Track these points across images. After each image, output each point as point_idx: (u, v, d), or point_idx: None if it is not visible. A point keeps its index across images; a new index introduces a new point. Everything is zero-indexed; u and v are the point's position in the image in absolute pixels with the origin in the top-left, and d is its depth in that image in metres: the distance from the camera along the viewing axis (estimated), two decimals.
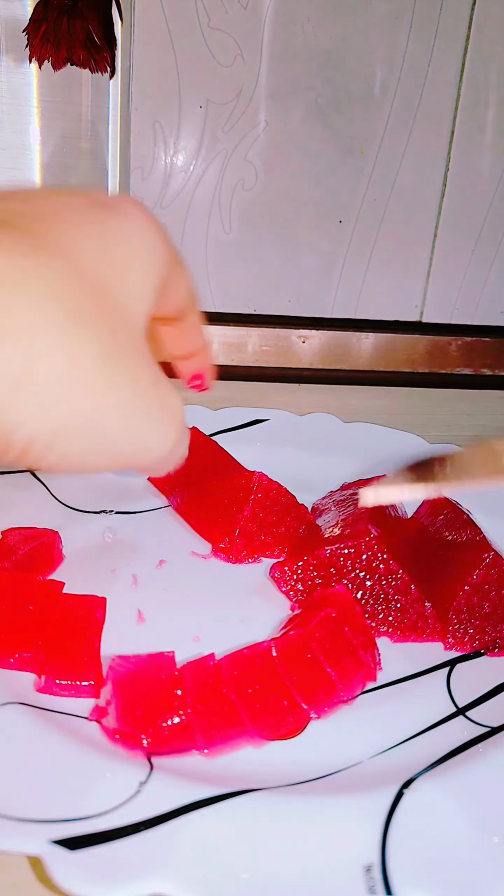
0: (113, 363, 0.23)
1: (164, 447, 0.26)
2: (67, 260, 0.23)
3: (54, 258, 0.23)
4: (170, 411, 0.26)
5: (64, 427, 0.23)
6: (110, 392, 0.23)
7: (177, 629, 0.34)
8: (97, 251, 0.24)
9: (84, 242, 0.24)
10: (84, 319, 0.23)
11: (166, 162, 0.65)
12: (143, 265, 0.26)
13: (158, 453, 0.26)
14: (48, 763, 0.26)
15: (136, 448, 0.25)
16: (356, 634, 0.31)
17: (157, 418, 0.25)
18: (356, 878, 0.22)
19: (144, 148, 0.65)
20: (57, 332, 0.22)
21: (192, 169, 0.66)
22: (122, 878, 0.21)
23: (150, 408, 0.25)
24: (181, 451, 0.27)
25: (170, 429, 0.26)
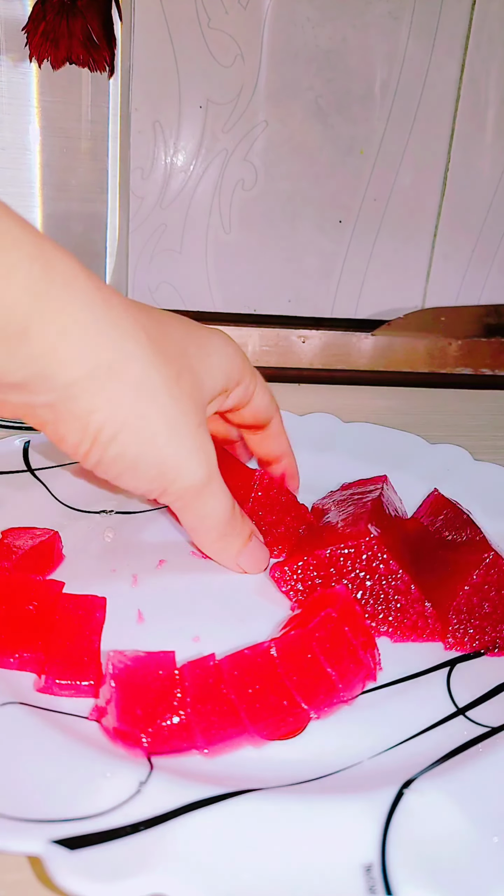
0: (174, 393, 0.31)
1: (195, 477, 0.33)
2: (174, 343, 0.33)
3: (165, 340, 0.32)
4: (205, 452, 0.33)
5: (128, 423, 0.30)
6: (166, 411, 0.31)
7: (177, 629, 0.34)
8: (192, 346, 0.34)
9: (184, 339, 0.34)
10: (166, 357, 0.31)
11: (166, 162, 0.65)
12: (219, 363, 0.36)
13: (189, 481, 0.33)
14: (48, 763, 0.26)
15: (174, 468, 0.32)
16: (356, 634, 0.31)
17: (194, 451, 0.32)
18: (356, 878, 0.22)
19: (144, 148, 0.65)
20: (143, 350, 0.30)
21: (192, 169, 0.66)
22: (122, 878, 0.21)
23: (191, 440, 0.32)
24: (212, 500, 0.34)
25: (202, 465, 0.33)
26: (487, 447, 0.55)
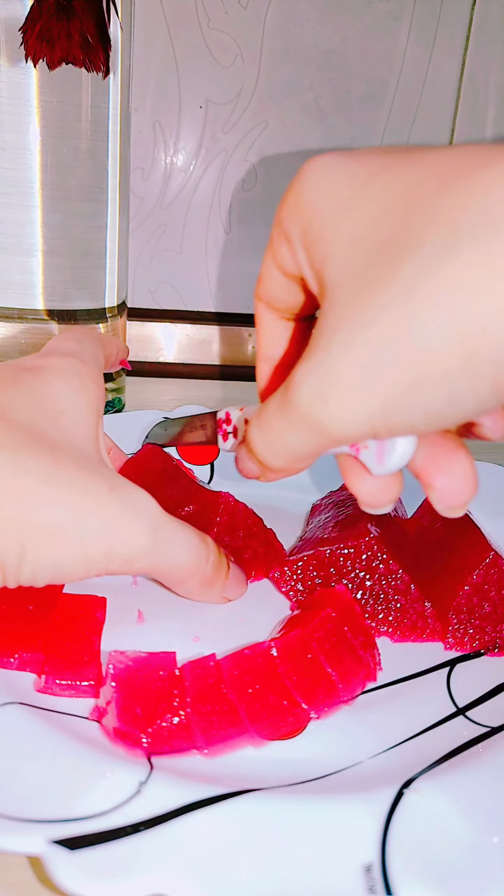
0: (58, 481, 0.27)
1: (134, 545, 0.29)
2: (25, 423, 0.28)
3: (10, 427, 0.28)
4: (134, 511, 0.29)
5: (27, 538, 0.26)
6: (61, 504, 0.27)
7: (177, 629, 0.34)
8: (28, 408, 0.29)
9: (14, 404, 0.29)
10: (24, 453, 0.27)
11: (166, 162, 0.65)
12: (73, 407, 0.31)
13: (130, 551, 0.29)
14: (48, 763, 0.26)
15: (105, 548, 0.28)
16: (356, 634, 0.31)
17: (120, 519, 0.28)
18: (356, 878, 0.22)
19: (144, 148, 0.65)
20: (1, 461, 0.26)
21: (192, 169, 0.66)
22: (122, 878, 0.21)
23: (111, 511, 0.28)
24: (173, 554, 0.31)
25: (136, 526, 0.29)
26: (487, 447, 0.55)
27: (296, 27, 0.62)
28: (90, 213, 0.49)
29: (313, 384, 0.23)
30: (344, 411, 0.22)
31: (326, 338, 0.22)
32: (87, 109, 0.46)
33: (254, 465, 0.27)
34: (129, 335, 0.63)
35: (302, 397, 0.23)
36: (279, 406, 0.24)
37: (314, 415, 0.23)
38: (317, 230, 0.23)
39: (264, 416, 0.26)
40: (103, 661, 0.30)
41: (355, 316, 0.21)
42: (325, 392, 0.22)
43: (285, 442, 0.25)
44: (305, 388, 0.23)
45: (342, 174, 0.23)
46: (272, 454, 0.26)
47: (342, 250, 0.22)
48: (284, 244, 0.25)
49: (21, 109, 0.45)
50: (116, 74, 0.47)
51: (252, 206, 0.68)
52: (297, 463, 0.26)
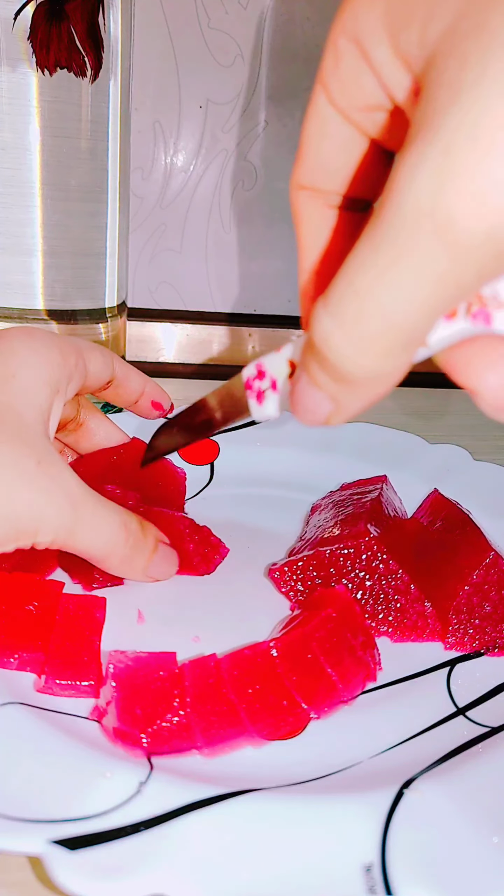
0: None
1: (58, 520, 0.29)
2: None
3: None
4: (59, 487, 0.29)
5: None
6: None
7: (177, 629, 0.34)
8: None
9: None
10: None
11: (166, 162, 0.65)
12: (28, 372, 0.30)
13: (54, 525, 0.29)
14: (48, 763, 0.26)
15: (29, 524, 0.28)
16: (356, 634, 0.31)
17: (46, 491, 0.29)
18: (356, 878, 0.22)
19: (144, 148, 0.65)
20: None
21: (192, 169, 0.66)
22: (122, 878, 0.21)
23: (36, 483, 0.28)
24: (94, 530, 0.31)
25: (60, 502, 0.29)
26: (487, 447, 0.55)
27: (296, 27, 0.62)
28: (90, 213, 0.49)
29: (437, 159, 0.15)
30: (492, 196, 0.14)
31: (450, 89, 0.15)
32: (87, 109, 0.46)
33: (324, 396, 0.20)
34: (129, 335, 0.63)
35: (418, 194, 0.15)
36: (371, 245, 0.17)
37: (445, 211, 0.15)
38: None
39: (343, 283, 0.17)
40: (103, 661, 0.30)
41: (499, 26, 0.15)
42: (459, 163, 0.15)
43: (389, 305, 0.17)
44: (423, 177, 0.15)
45: None
46: (364, 343, 0.18)
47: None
48: (350, 56, 0.19)
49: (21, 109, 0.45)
50: (116, 75, 0.47)
51: (252, 206, 0.68)
52: (399, 352, 0.18)
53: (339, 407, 0.20)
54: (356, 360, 0.18)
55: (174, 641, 0.32)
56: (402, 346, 0.18)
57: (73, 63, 0.43)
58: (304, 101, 0.64)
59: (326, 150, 0.21)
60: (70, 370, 0.33)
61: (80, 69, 0.44)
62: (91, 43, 0.44)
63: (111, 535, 0.32)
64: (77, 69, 0.44)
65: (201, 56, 0.62)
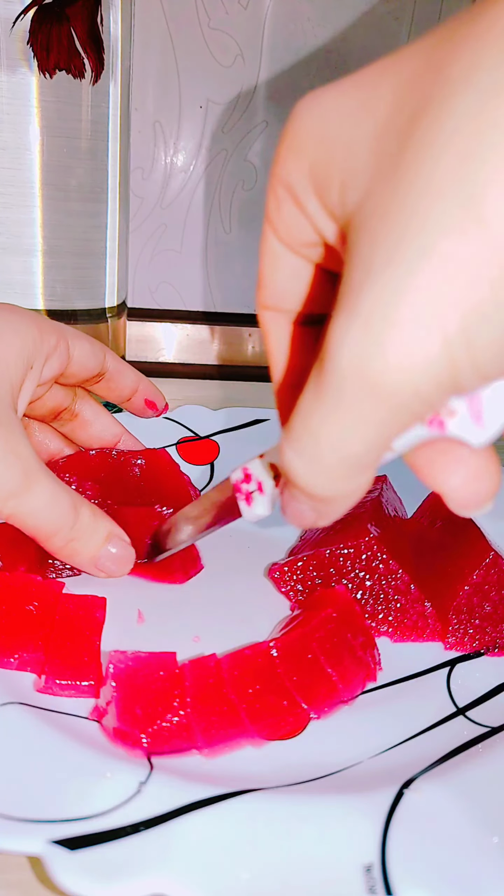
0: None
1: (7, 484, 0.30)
2: None
3: None
4: (13, 454, 0.30)
5: None
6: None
7: (177, 629, 0.34)
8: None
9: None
10: None
11: (166, 162, 0.65)
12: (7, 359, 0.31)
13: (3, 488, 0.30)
14: (48, 763, 0.26)
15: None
16: (356, 634, 0.31)
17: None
18: (356, 878, 0.22)
19: (144, 148, 0.65)
20: None
21: (192, 169, 0.66)
22: (122, 878, 0.21)
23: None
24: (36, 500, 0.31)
25: (12, 468, 0.30)
26: None
27: (296, 27, 0.62)
28: (90, 213, 0.49)
29: (358, 331, 0.17)
30: (411, 349, 0.16)
31: (364, 262, 0.17)
32: (87, 109, 0.46)
33: (305, 506, 0.22)
34: (129, 335, 0.63)
35: (347, 356, 0.17)
36: (315, 393, 0.19)
37: (370, 374, 0.17)
38: (325, 157, 0.19)
39: (299, 420, 0.20)
40: (103, 661, 0.30)
41: (399, 206, 0.16)
42: (376, 332, 0.17)
43: (336, 442, 0.19)
44: (349, 340, 0.17)
45: (341, 93, 0.19)
46: (322, 472, 0.20)
47: (364, 156, 0.18)
48: (287, 204, 0.21)
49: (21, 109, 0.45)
50: (116, 75, 0.47)
51: (252, 206, 0.68)
52: (355, 474, 0.20)
53: (321, 515, 0.22)
54: (320, 485, 0.20)
55: (174, 641, 0.32)
56: (359, 471, 0.20)
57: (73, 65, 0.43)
58: None
59: (280, 278, 0.23)
60: (47, 349, 0.33)
61: (79, 72, 0.44)
62: (92, 45, 0.44)
63: (59, 514, 0.32)
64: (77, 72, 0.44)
65: (201, 56, 0.62)
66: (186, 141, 0.65)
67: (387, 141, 0.17)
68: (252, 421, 0.52)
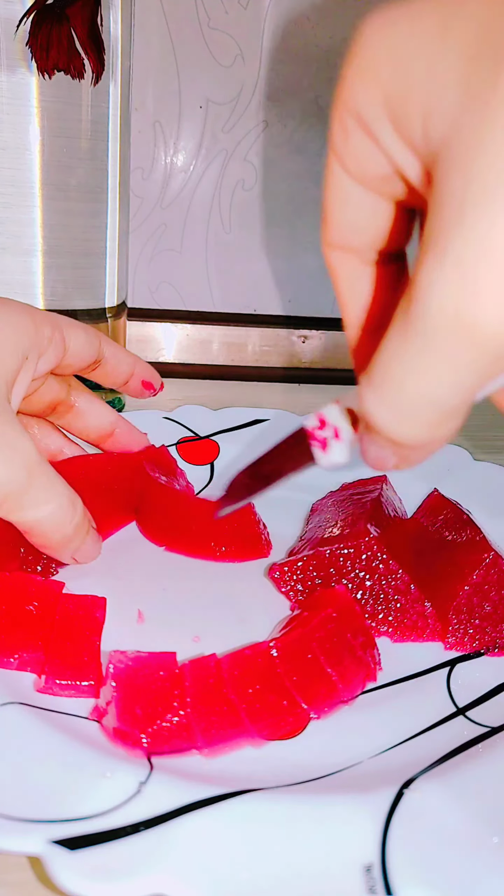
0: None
1: (9, 481, 0.29)
2: None
3: None
4: (13, 450, 0.29)
5: None
6: None
7: (177, 629, 0.34)
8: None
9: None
10: None
11: (166, 162, 0.65)
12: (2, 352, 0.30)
13: (5, 487, 0.29)
14: (48, 763, 0.26)
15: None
16: (356, 634, 0.31)
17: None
18: (356, 878, 0.22)
19: (144, 148, 0.65)
20: None
21: (192, 169, 0.66)
22: (122, 878, 0.21)
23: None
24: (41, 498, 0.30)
25: (11, 464, 0.29)
26: (487, 447, 0.55)
27: (296, 27, 0.62)
28: (90, 213, 0.49)
29: (452, 274, 0.16)
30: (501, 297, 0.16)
31: (455, 207, 0.16)
32: (87, 109, 0.46)
33: (386, 450, 0.21)
34: (129, 335, 0.63)
35: (439, 301, 0.16)
36: (403, 338, 0.18)
37: (464, 319, 0.16)
38: (404, 87, 0.18)
39: (383, 367, 0.19)
40: (103, 661, 0.30)
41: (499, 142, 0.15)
42: (473, 278, 0.16)
43: (425, 390, 0.18)
44: (442, 284, 0.16)
45: (417, 11, 0.18)
46: (409, 419, 0.19)
47: (450, 86, 0.16)
48: (358, 135, 0.19)
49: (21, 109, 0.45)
50: (116, 75, 0.47)
51: (252, 206, 0.68)
52: (444, 423, 0.19)
53: (405, 460, 0.22)
54: (406, 432, 0.19)
55: (174, 641, 0.32)
56: (449, 416, 0.19)
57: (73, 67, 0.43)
58: (304, 101, 0.64)
59: (350, 214, 0.21)
60: (42, 341, 0.32)
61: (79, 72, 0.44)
62: (92, 46, 0.44)
63: (60, 510, 0.31)
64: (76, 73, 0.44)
65: (201, 56, 0.62)
66: (186, 141, 0.65)
67: (481, 65, 0.16)
68: (252, 421, 0.52)
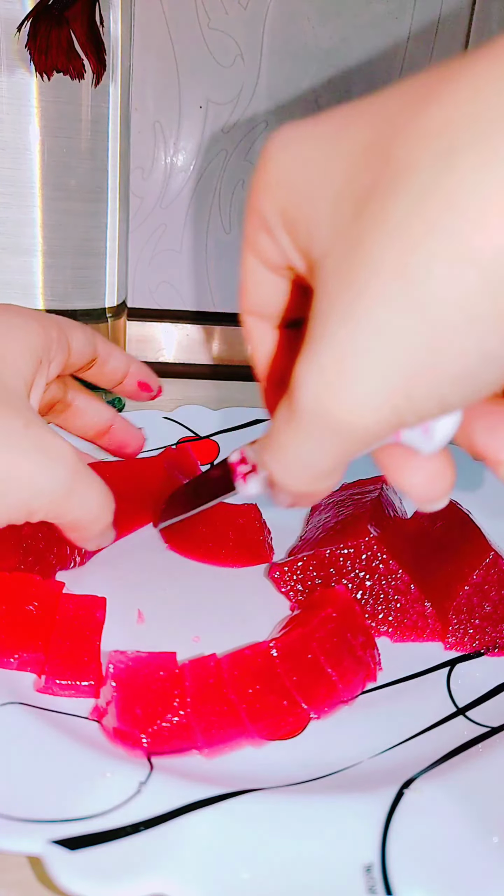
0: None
1: (55, 485, 0.28)
2: None
3: None
4: (52, 453, 0.29)
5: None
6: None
7: (177, 629, 0.34)
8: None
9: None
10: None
11: (166, 162, 0.65)
12: (10, 343, 0.30)
13: (52, 492, 0.28)
14: (48, 763, 0.26)
15: (26, 493, 0.28)
16: (356, 634, 0.31)
17: (38, 460, 0.28)
18: (356, 878, 0.22)
19: (144, 148, 0.65)
20: None
21: (192, 169, 0.66)
22: (122, 878, 0.21)
23: (30, 451, 0.28)
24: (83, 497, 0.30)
25: (56, 468, 0.28)
26: None
27: (296, 27, 0.62)
28: (90, 213, 0.49)
29: (317, 377, 0.20)
30: (361, 400, 0.19)
31: (323, 317, 0.20)
32: (87, 109, 0.46)
33: (282, 494, 0.25)
34: (129, 335, 0.63)
35: (308, 396, 0.20)
36: (286, 417, 0.22)
37: (326, 415, 0.20)
38: (295, 205, 0.21)
39: (273, 434, 0.23)
40: (103, 661, 0.30)
41: (350, 278, 0.19)
42: (332, 381, 0.19)
43: (302, 459, 0.22)
44: (310, 383, 0.20)
45: (308, 138, 0.21)
46: (292, 476, 0.23)
47: (326, 215, 0.20)
48: (263, 233, 0.23)
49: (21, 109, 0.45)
50: (116, 75, 0.47)
51: None
52: (321, 481, 0.23)
53: (298, 502, 0.25)
54: (290, 485, 0.24)
55: (174, 641, 0.32)
56: (324, 478, 0.23)
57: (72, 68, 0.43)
58: (304, 101, 0.64)
59: (259, 289, 0.25)
60: (52, 342, 0.32)
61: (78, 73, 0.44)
62: (92, 47, 0.44)
63: (100, 504, 0.31)
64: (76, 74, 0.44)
65: (201, 56, 0.62)
66: (186, 141, 0.65)
67: (343, 209, 0.19)
68: (252, 421, 0.52)
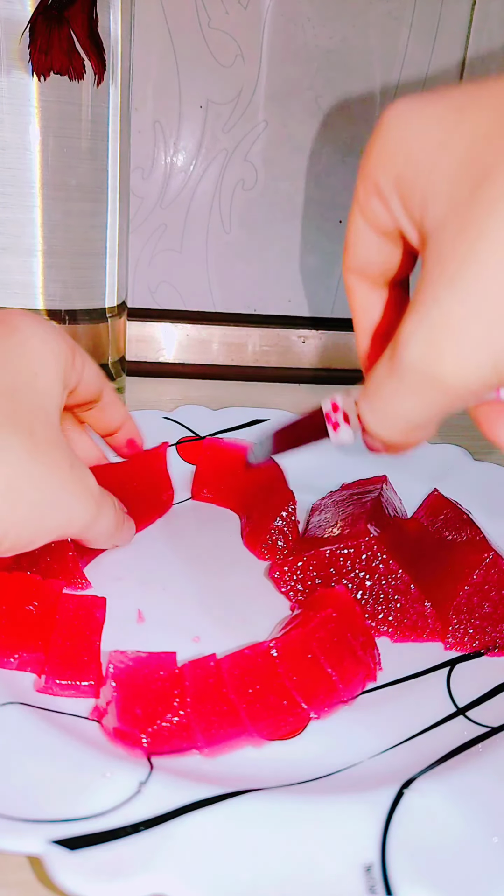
0: (37, 458, 0.27)
1: (86, 516, 0.31)
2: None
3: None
4: (86, 487, 0.30)
5: (11, 521, 0.27)
6: (39, 482, 0.27)
7: (177, 629, 0.34)
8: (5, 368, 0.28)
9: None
10: (5, 427, 0.27)
11: (166, 162, 0.65)
12: (47, 370, 0.30)
13: (82, 522, 0.31)
14: (48, 763, 0.26)
15: (64, 522, 0.30)
16: (356, 634, 0.31)
17: (77, 495, 0.30)
18: (356, 878, 0.22)
19: (144, 148, 0.65)
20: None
21: (192, 169, 0.66)
22: (122, 878, 0.21)
23: (71, 487, 0.29)
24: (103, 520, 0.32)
25: (88, 501, 0.30)
26: (487, 447, 0.55)
27: (296, 27, 0.62)
28: (90, 213, 0.49)
29: (424, 336, 0.21)
30: (464, 360, 0.20)
31: (433, 283, 0.21)
32: (87, 109, 0.46)
33: (376, 441, 0.27)
34: (129, 335, 0.63)
35: (413, 354, 0.21)
36: (388, 371, 0.23)
37: (430, 371, 0.21)
38: (411, 175, 0.22)
39: (373, 386, 0.24)
40: (103, 661, 0.30)
41: (464, 250, 0.20)
42: (439, 342, 0.20)
43: (400, 410, 0.23)
44: (416, 342, 0.21)
45: (428, 115, 0.22)
46: (387, 427, 0.25)
47: (443, 189, 0.21)
48: (375, 198, 0.24)
49: (21, 109, 0.45)
50: (116, 75, 0.47)
51: (252, 206, 0.68)
52: (415, 433, 0.25)
53: (391, 450, 0.27)
54: (386, 435, 0.25)
55: (174, 641, 0.32)
56: (417, 430, 0.25)
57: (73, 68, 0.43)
58: (304, 101, 0.64)
59: (364, 249, 0.27)
60: (76, 368, 0.33)
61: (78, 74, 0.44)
62: (93, 47, 0.43)
63: (111, 520, 0.33)
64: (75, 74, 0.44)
65: (201, 56, 0.62)
66: (186, 141, 0.65)
67: (462, 186, 0.20)
68: (252, 421, 0.52)
